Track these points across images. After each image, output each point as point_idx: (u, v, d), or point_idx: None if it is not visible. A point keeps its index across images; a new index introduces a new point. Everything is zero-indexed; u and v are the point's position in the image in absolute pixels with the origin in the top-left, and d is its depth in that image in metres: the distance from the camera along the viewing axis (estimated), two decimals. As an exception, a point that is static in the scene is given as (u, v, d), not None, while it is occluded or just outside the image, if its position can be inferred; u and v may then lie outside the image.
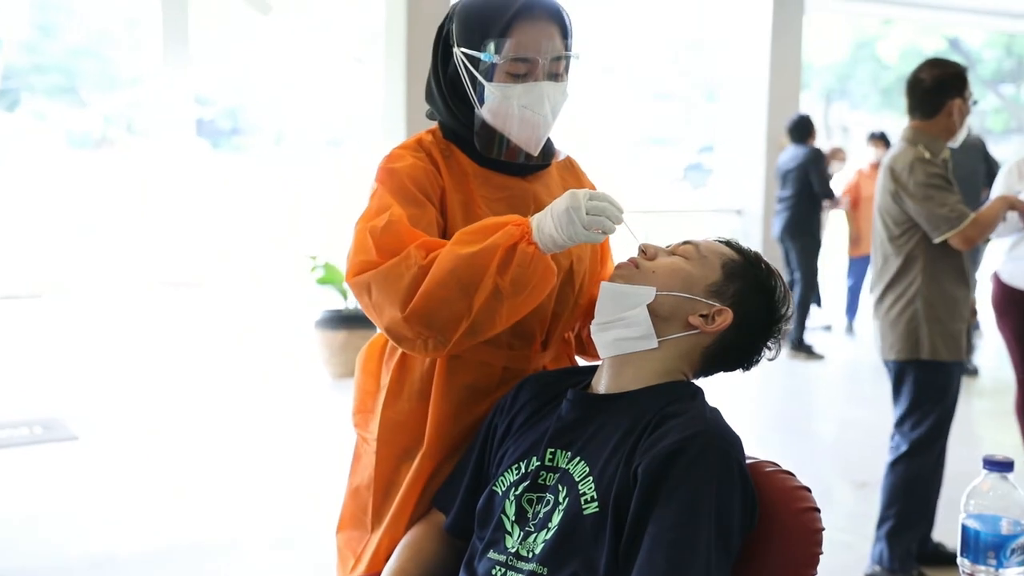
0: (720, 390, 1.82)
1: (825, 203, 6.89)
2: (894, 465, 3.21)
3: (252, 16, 9.03)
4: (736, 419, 1.52)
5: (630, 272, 1.50)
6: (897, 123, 20.33)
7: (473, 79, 1.59)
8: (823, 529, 1.40)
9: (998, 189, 3.92)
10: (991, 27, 14.28)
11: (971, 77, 3.19)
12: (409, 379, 1.69)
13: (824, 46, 18.69)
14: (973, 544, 1.16)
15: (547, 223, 1.47)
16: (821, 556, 1.39)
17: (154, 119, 9.64)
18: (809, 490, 1.42)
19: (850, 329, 7.87)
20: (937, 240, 3.06)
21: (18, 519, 3.72)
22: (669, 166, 21.73)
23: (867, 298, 7.93)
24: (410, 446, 1.67)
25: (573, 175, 1.80)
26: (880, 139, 7.42)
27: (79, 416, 5.01)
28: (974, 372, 6.42)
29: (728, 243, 1.56)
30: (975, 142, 6.07)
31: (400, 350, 1.68)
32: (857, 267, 7.68)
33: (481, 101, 1.59)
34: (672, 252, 1.52)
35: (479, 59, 1.57)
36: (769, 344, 1.52)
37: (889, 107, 21.07)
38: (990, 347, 6.97)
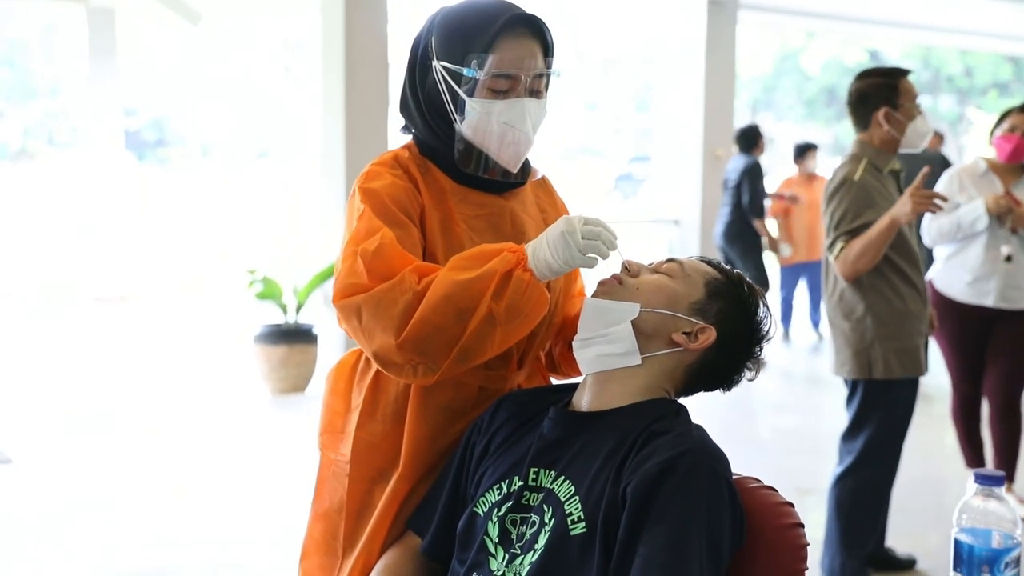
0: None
1: (754, 219, 6.92)
2: (840, 479, 3.16)
3: (180, 25, 8.85)
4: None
5: (613, 288, 1.49)
6: (820, 133, 20.81)
7: (454, 94, 1.56)
8: (808, 544, 1.40)
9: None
10: (909, 40, 14.70)
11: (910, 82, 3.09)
12: (383, 400, 1.65)
13: (750, 58, 19.04)
14: (967, 558, 1.17)
15: (543, 249, 1.45)
16: (806, 572, 1.39)
17: (80, 130, 9.41)
18: (792, 506, 1.43)
19: (786, 337, 8.00)
20: (831, 257, 3.01)
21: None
22: (599, 176, 21.89)
23: (800, 305, 8.12)
24: (384, 468, 1.64)
25: (546, 193, 1.79)
26: (810, 149, 7.54)
27: (11, 438, 4.84)
28: None
29: (711, 263, 1.55)
30: (933, 156, 6.19)
31: (373, 370, 1.64)
32: (789, 276, 7.81)
33: (461, 116, 1.57)
34: (655, 270, 1.52)
35: (461, 74, 1.54)
36: (749, 364, 1.52)
37: (813, 118, 21.55)
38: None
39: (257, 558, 3.49)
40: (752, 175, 6.81)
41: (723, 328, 1.47)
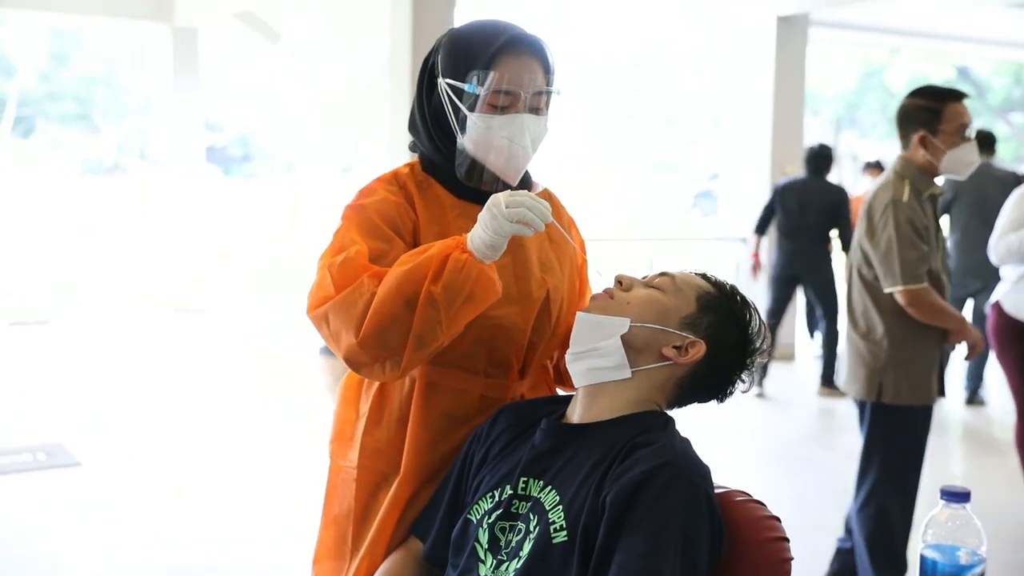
0: (724, 419, 1.83)
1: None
2: (860, 510, 3.10)
3: (261, 43, 9.11)
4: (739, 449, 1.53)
5: (605, 303, 1.52)
6: (906, 151, 20.29)
7: (456, 109, 1.62)
8: (792, 559, 1.41)
9: (1005, 215, 3.86)
10: (1000, 56, 14.31)
11: (975, 105, 3.06)
12: (388, 407, 1.71)
13: (833, 75, 18.75)
14: (931, 574, 1.17)
15: (476, 229, 1.50)
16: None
17: (164, 146, 9.73)
18: (779, 519, 1.44)
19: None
20: (887, 291, 2.94)
21: (20, 544, 3.74)
22: (679, 193, 21.78)
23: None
24: (388, 472, 1.69)
25: (551, 207, 1.82)
26: (876, 167, 7.41)
27: (82, 442, 5.03)
28: (981, 402, 6.38)
29: (704, 276, 1.57)
30: (1005, 175, 5.99)
31: None
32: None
33: (463, 130, 1.62)
34: (648, 284, 1.54)
35: (463, 90, 1.61)
36: (743, 377, 1.53)
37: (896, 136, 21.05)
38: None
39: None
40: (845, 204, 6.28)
41: (714, 342, 1.49)
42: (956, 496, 1.18)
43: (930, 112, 2.94)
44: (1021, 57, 13.49)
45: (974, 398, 6.37)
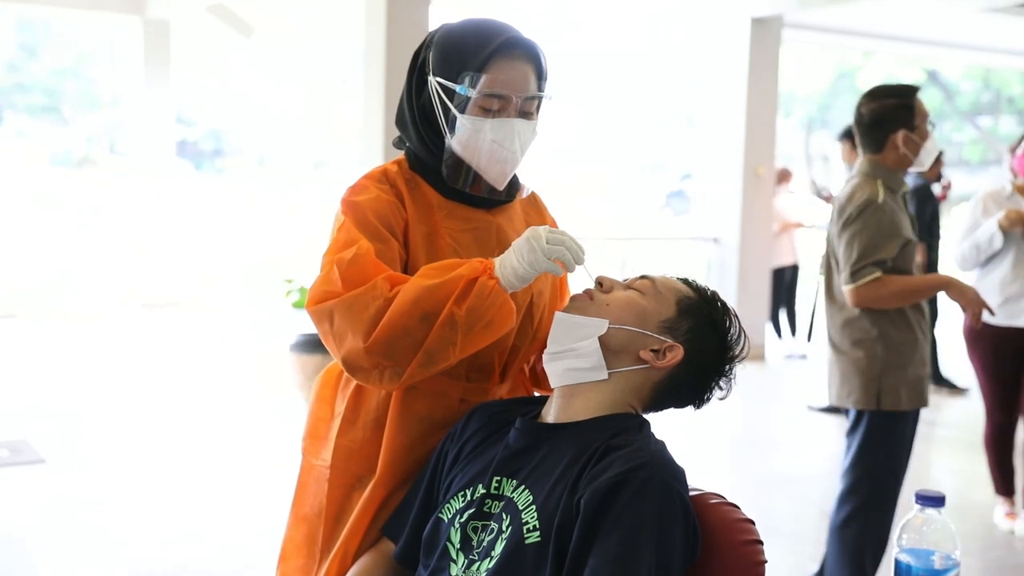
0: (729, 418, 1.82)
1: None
2: (846, 522, 2.99)
3: (234, 37, 9.04)
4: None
5: (584, 304, 1.51)
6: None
7: (446, 109, 1.60)
8: (765, 562, 1.40)
9: (965, 221, 3.96)
10: (969, 60, 14.45)
11: (945, 108, 3.01)
12: (365, 408, 1.69)
13: (806, 76, 18.87)
14: (905, 579, 1.17)
15: (509, 256, 1.50)
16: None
17: (134, 139, 9.63)
18: (753, 522, 1.43)
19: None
20: (844, 288, 2.87)
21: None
22: (654, 192, 21.84)
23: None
24: (362, 474, 1.67)
25: (536, 210, 1.82)
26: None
27: (47, 439, 4.97)
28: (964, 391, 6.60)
29: (686, 281, 1.56)
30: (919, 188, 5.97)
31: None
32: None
33: (452, 131, 1.61)
34: (628, 286, 1.53)
35: (454, 90, 1.59)
36: (720, 384, 1.53)
37: (869, 137, 21.21)
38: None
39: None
40: (922, 197, 6.16)
41: (692, 347, 1.48)
42: (931, 500, 1.18)
43: (907, 110, 2.91)
44: (990, 61, 13.65)
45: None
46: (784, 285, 7.87)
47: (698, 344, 1.49)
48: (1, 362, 7.11)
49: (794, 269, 7.91)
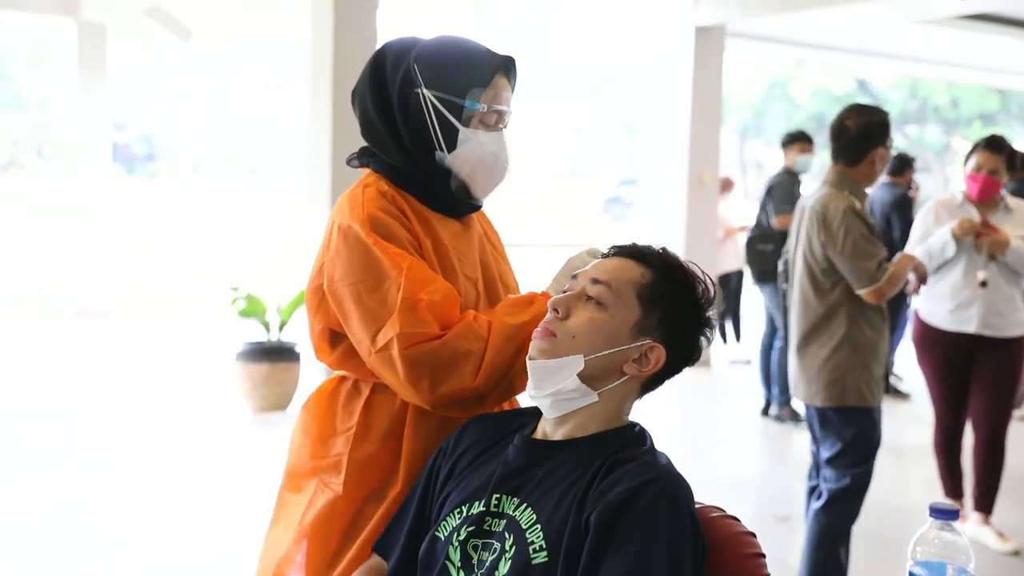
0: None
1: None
2: (823, 509, 3.13)
3: (171, 41, 8.86)
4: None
5: (551, 344, 1.45)
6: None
7: (443, 122, 1.63)
8: (768, 575, 1.40)
9: (917, 229, 4.03)
10: (897, 70, 14.82)
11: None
12: (377, 422, 1.69)
13: (741, 84, 19.17)
14: (921, 591, 1.17)
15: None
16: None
17: (67, 143, 9.39)
18: (754, 535, 1.43)
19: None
20: (859, 292, 3.03)
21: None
22: (590, 200, 21.98)
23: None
24: (377, 487, 1.68)
25: (484, 218, 1.88)
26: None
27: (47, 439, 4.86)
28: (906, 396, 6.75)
29: (631, 254, 1.49)
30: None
31: (364, 395, 1.69)
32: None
33: (451, 145, 1.63)
34: (581, 295, 1.47)
35: (460, 105, 1.62)
36: (707, 336, 1.49)
37: (801, 145, 21.62)
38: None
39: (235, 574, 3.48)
40: (901, 207, 6.21)
41: (670, 335, 1.45)
42: (944, 513, 1.19)
43: (884, 128, 3.09)
44: (917, 71, 14.01)
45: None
46: (729, 291, 7.95)
47: (674, 329, 1.45)
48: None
49: (739, 275, 7.96)
